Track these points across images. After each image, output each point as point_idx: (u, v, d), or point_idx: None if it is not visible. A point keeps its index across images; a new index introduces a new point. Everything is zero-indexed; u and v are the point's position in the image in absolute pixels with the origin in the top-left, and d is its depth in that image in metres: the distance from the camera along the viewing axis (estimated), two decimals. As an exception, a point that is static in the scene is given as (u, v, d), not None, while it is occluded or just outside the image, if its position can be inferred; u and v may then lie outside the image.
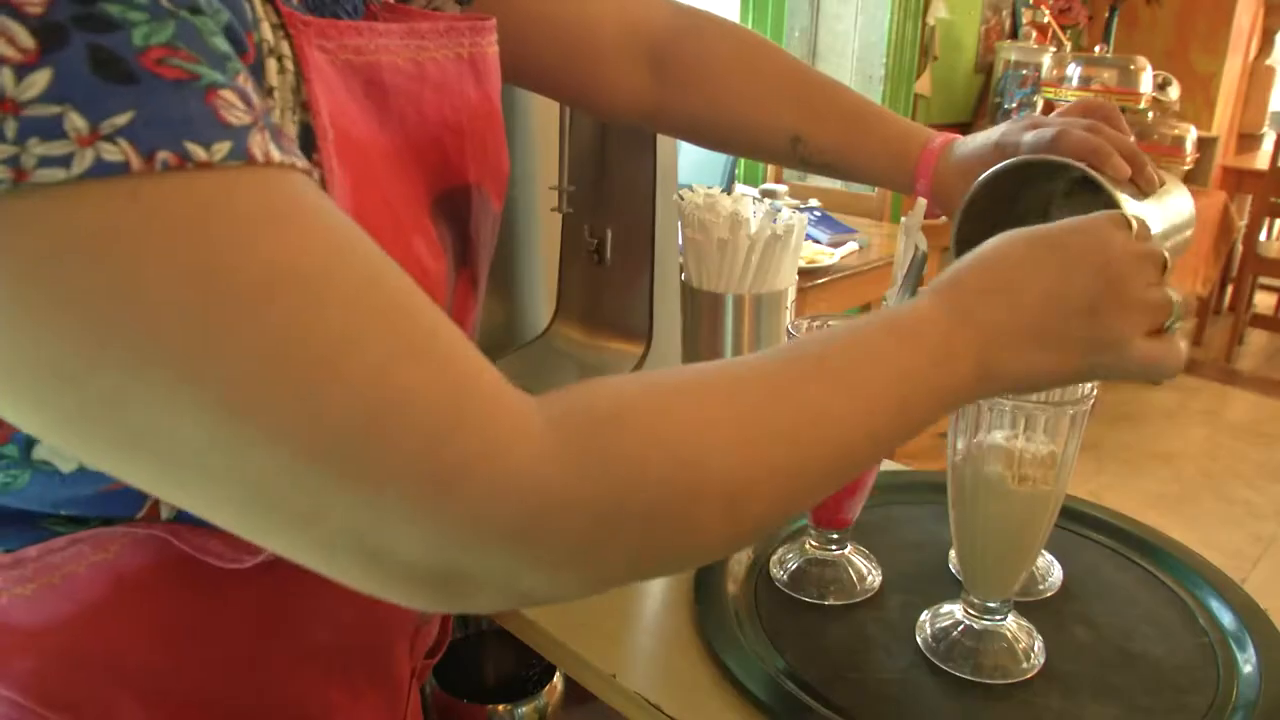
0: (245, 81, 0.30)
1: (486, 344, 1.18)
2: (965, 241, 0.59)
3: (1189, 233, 0.63)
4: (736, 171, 2.81)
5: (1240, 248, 3.80)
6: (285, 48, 0.37)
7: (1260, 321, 3.95)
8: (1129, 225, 0.47)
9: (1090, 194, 0.56)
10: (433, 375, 0.31)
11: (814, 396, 0.39)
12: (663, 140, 0.92)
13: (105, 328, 0.27)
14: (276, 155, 0.30)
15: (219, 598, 0.43)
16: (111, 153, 0.26)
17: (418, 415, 0.30)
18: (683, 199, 0.85)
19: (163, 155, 0.27)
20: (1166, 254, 0.47)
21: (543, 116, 1.04)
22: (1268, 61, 4.13)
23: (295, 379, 0.28)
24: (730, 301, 0.82)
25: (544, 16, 0.67)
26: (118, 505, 0.40)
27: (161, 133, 0.27)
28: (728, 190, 1.13)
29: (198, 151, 0.27)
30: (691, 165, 2.51)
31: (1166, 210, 0.59)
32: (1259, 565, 2.39)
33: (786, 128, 0.69)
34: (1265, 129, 4.24)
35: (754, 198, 0.88)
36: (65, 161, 0.26)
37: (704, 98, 0.70)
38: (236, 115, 0.29)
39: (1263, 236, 3.86)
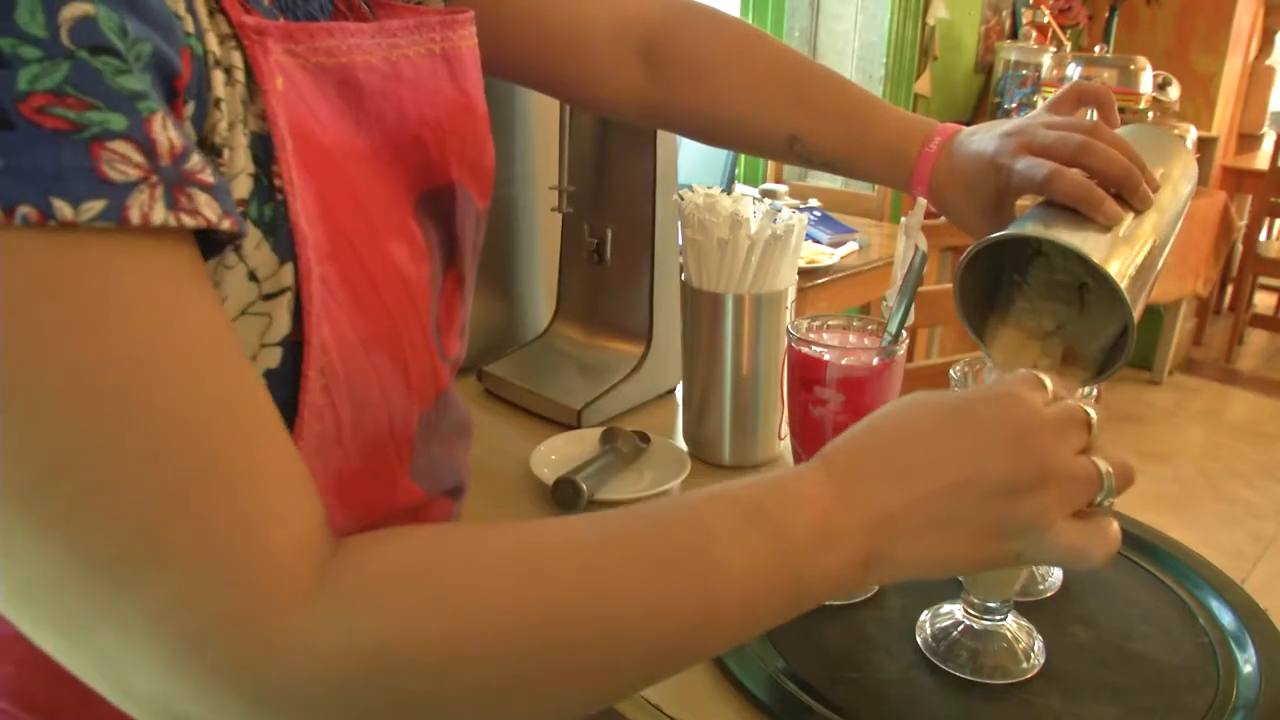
0: (163, 121, 0.29)
1: (486, 344, 1.19)
2: (967, 301, 0.58)
3: (1189, 195, 0.62)
4: (736, 171, 2.81)
5: (1240, 248, 3.80)
6: (236, 58, 0.36)
7: (1260, 321, 3.95)
8: (1043, 386, 0.43)
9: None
10: (201, 530, 0.29)
11: (653, 586, 0.36)
12: (663, 140, 0.92)
13: None
14: (158, 217, 0.28)
15: None
16: None
17: (171, 570, 0.29)
18: (683, 199, 0.85)
19: (24, 210, 0.26)
20: (1091, 413, 0.42)
21: (543, 116, 1.04)
22: (1268, 61, 4.12)
23: (66, 492, 0.27)
24: (730, 301, 0.82)
25: (534, 11, 0.67)
26: None
27: (28, 186, 0.26)
28: (728, 190, 1.13)
29: (63, 209, 0.26)
30: (691, 165, 2.51)
31: (1163, 213, 0.58)
32: (1259, 565, 2.39)
33: (784, 127, 0.68)
34: (1265, 129, 4.23)
35: (754, 198, 0.88)
36: None
37: (699, 94, 0.69)
38: (121, 170, 0.27)
39: (1263, 236, 3.86)
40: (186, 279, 0.30)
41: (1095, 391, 0.58)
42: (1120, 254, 0.53)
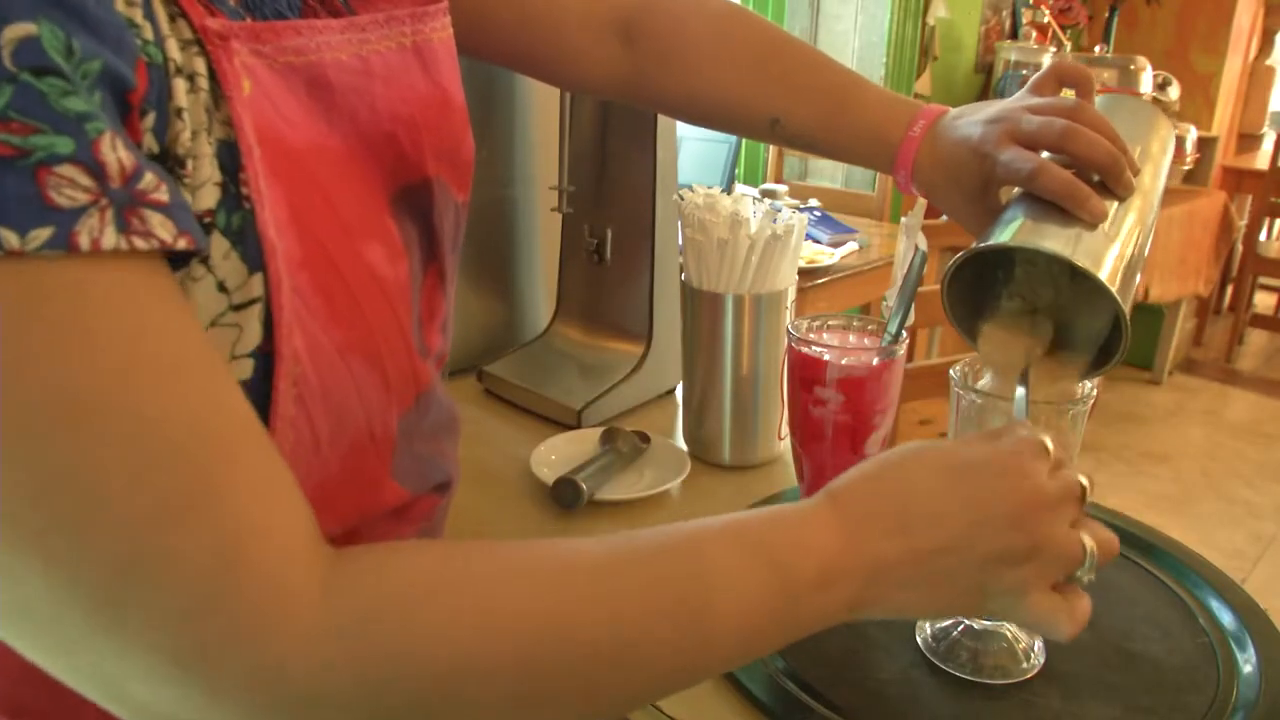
0: (112, 141, 0.28)
1: (486, 344, 1.19)
2: (955, 300, 0.58)
3: (1171, 153, 0.62)
4: (737, 171, 2.81)
5: (1240, 248, 3.80)
6: (200, 65, 0.35)
7: (1260, 321, 3.95)
8: (1046, 453, 0.45)
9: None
10: (200, 542, 0.29)
11: (650, 620, 0.37)
12: (663, 140, 0.92)
13: None
14: (109, 242, 0.28)
15: None
16: None
17: (173, 583, 0.29)
18: (683, 199, 0.85)
19: None
20: (1085, 483, 0.45)
21: (543, 117, 1.04)
22: (1268, 61, 4.12)
23: (61, 514, 0.27)
24: (730, 301, 0.82)
25: None
26: None
27: None
28: (728, 190, 1.13)
29: (9, 238, 0.26)
30: (691, 165, 2.51)
31: (1147, 193, 0.58)
32: (1259, 565, 2.39)
33: (764, 109, 0.67)
34: (1265, 129, 4.23)
35: (754, 198, 0.88)
36: None
37: (678, 74, 0.69)
38: (69, 195, 0.27)
39: (1263, 236, 3.86)
40: (153, 295, 0.30)
41: (1093, 390, 0.58)
42: (1108, 251, 0.53)
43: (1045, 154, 0.56)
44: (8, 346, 0.26)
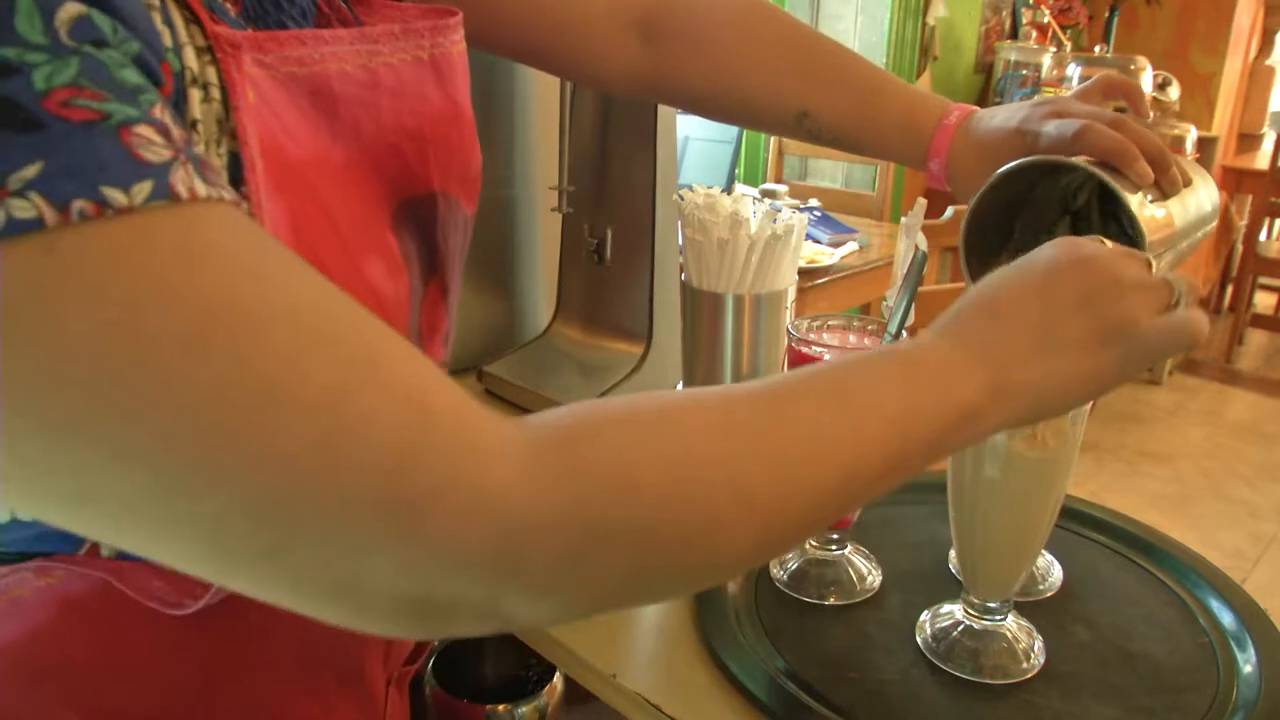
0: (163, 112, 0.29)
1: (486, 344, 1.19)
2: (978, 231, 0.57)
3: (1211, 226, 0.61)
4: (737, 171, 2.81)
5: (1240, 248, 3.80)
6: (211, 74, 0.35)
7: (1260, 321, 3.95)
8: (1103, 242, 0.46)
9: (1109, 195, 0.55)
10: (388, 400, 0.29)
11: (809, 415, 0.38)
12: (663, 140, 0.92)
13: (35, 389, 0.25)
14: (202, 190, 0.28)
15: (171, 625, 0.41)
16: (24, 209, 0.25)
17: (376, 442, 0.29)
18: (683, 199, 0.85)
19: (79, 205, 0.25)
20: (1178, 252, 0.46)
21: (543, 116, 1.04)
22: (1268, 61, 4.13)
23: (242, 415, 0.27)
24: (730, 301, 0.82)
25: None
26: (57, 542, 0.39)
27: (75, 181, 0.25)
28: (728, 190, 1.13)
29: (116, 196, 0.26)
30: (692, 165, 2.51)
31: (1187, 209, 0.57)
32: (1259, 565, 2.39)
33: (792, 102, 0.66)
34: (1265, 129, 4.23)
35: (754, 198, 0.88)
36: None
37: (699, 68, 0.68)
38: (155, 151, 0.27)
39: (1263, 236, 3.86)
40: (249, 223, 0.30)
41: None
42: (1149, 214, 0.52)
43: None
44: (145, 284, 0.26)
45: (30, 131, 0.25)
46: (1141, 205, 0.53)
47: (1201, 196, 0.60)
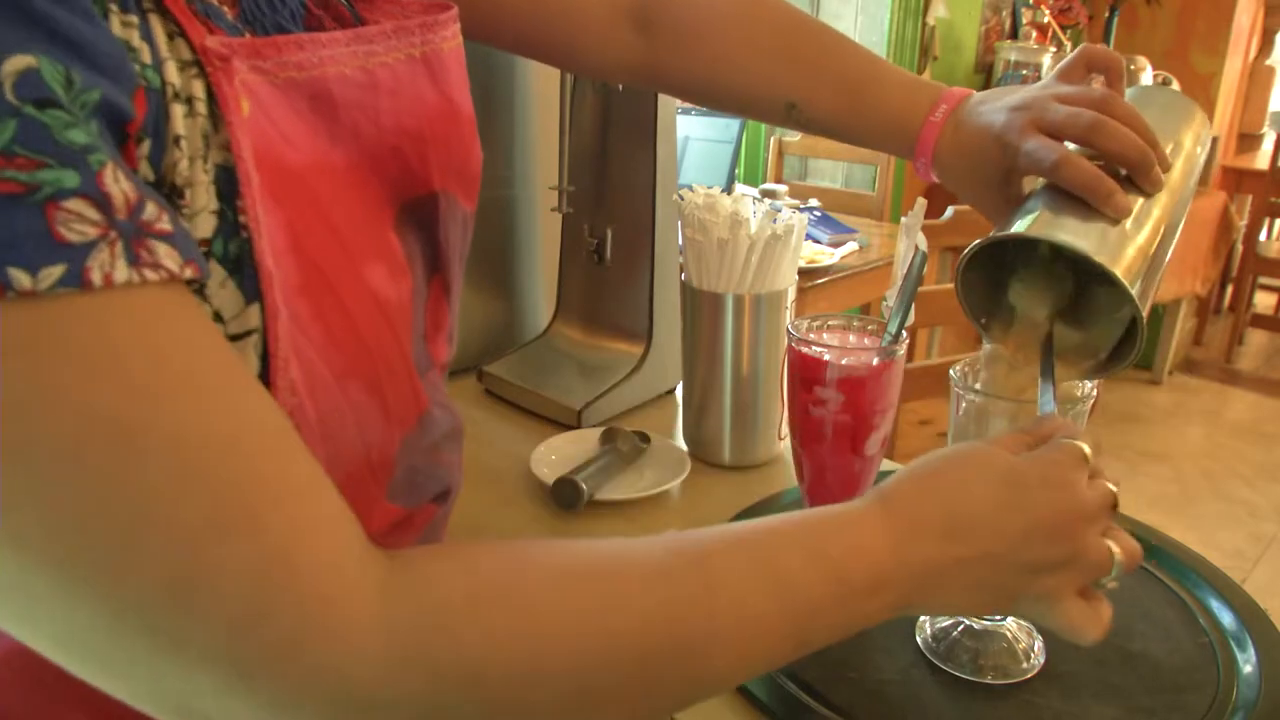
0: (114, 173, 0.28)
1: (486, 344, 1.19)
2: (970, 288, 0.58)
3: (1201, 157, 0.61)
4: (737, 171, 2.81)
5: (1240, 248, 3.80)
6: (198, 88, 0.34)
7: (1260, 321, 3.95)
8: (1086, 460, 0.47)
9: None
10: (253, 550, 0.29)
11: (702, 615, 0.37)
12: (663, 140, 0.92)
13: None
14: (122, 276, 0.27)
15: None
16: None
17: (225, 595, 0.29)
18: (683, 199, 0.85)
19: None
20: (1114, 491, 0.48)
21: (543, 116, 1.04)
22: (1268, 61, 4.12)
23: (102, 538, 0.27)
24: (730, 301, 0.82)
25: None
26: None
27: None
28: (728, 190, 1.13)
29: (21, 279, 0.25)
30: (692, 165, 2.51)
31: (1174, 196, 0.56)
32: (1259, 565, 2.39)
33: (782, 93, 0.66)
34: (1265, 129, 4.23)
35: (754, 198, 0.88)
36: None
37: (694, 57, 0.68)
38: (78, 230, 0.26)
39: (1263, 236, 3.86)
40: (172, 316, 0.30)
41: (1093, 390, 0.58)
42: (1128, 250, 0.52)
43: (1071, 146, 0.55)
44: (35, 380, 0.26)
45: None
46: (1121, 243, 0.52)
47: (1191, 156, 0.59)
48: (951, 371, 0.60)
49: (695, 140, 2.50)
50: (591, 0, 0.68)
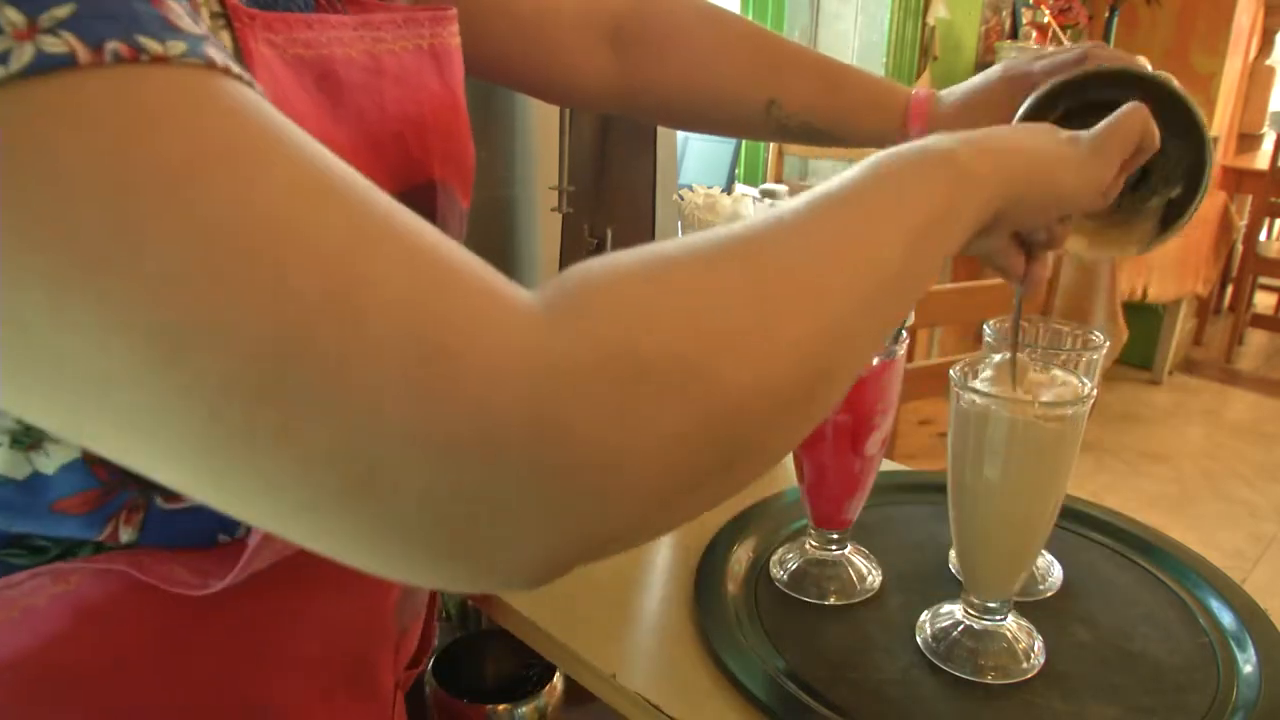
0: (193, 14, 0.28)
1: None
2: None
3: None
4: (737, 171, 2.81)
5: (1240, 248, 3.80)
6: (226, 38, 0.34)
7: (1260, 321, 3.95)
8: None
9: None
10: (406, 251, 0.27)
11: (831, 231, 0.35)
12: (663, 140, 0.92)
13: (30, 235, 0.23)
14: (235, 68, 0.27)
15: (185, 624, 0.42)
16: (54, 45, 0.23)
17: (394, 294, 0.26)
18: (683, 199, 0.85)
19: (113, 45, 0.24)
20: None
21: (543, 116, 1.05)
22: (1268, 61, 4.12)
23: (246, 257, 0.24)
24: (730, 301, 0.82)
25: (498, 6, 0.66)
26: (73, 526, 0.39)
27: (110, 26, 0.24)
28: (728, 190, 1.13)
29: (152, 45, 0.25)
30: (692, 165, 2.51)
31: None
32: (1259, 565, 2.39)
33: (760, 91, 0.67)
34: (1265, 129, 4.23)
35: (754, 198, 0.88)
36: (2, 59, 0.23)
37: (671, 67, 0.69)
38: (188, 25, 0.26)
39: (1263, 236, 3.86)
40: (274, 108, 0.28)
41: (1093, 390, 0.58)
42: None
43: None
44: (153, 121, 0.25)
45: None
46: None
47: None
48: (951, 371, 0.60)
49: (695, 140, 2.51)
50: (568, 23, 0.68)
